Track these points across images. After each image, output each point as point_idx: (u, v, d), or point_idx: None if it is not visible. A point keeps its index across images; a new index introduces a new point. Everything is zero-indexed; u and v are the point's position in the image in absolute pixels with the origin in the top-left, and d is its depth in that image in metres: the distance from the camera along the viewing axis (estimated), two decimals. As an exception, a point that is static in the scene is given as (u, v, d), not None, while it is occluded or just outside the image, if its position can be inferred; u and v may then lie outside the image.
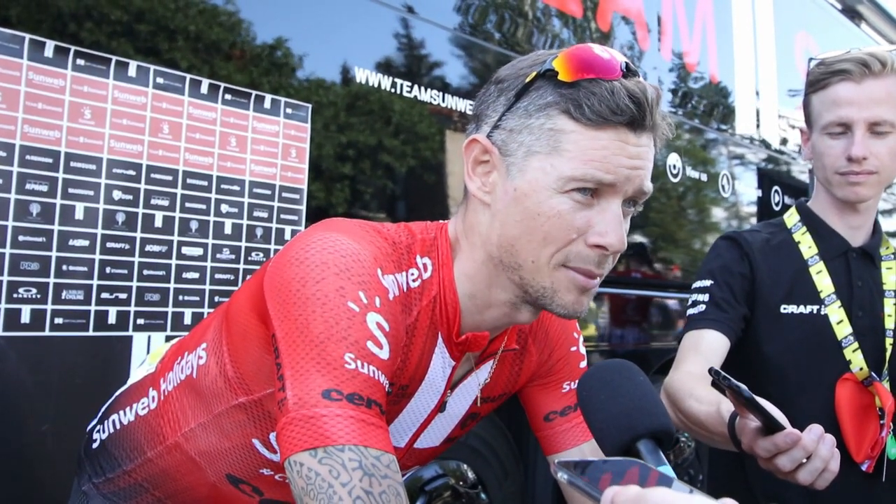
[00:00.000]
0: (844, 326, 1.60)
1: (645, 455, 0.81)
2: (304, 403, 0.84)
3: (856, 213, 1.67)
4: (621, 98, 0.93)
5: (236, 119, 2.07)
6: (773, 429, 1.07)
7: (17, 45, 1.70)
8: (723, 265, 1.66)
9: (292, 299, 0.90)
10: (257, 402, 1.07)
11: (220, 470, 1.15)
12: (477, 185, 1.03)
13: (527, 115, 0.98)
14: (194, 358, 1.16)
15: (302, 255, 0.93)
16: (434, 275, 1.05)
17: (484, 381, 1.17)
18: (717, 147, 4.19)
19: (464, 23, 2.77)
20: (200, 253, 2.00)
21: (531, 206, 0.97)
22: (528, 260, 0.99)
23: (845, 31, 5.30)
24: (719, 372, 1.01)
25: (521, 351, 1.21)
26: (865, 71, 1.57)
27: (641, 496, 0.60)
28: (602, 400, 0.87)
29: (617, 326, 3.47)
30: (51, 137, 1.75)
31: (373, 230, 1.03)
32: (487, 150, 1.01)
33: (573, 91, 0.94)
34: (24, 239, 1.71)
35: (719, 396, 1.36)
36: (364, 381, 0.87)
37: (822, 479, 1.09)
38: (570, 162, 0.94)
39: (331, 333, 0.87)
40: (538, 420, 1.27)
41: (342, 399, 0.84)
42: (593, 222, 0.96)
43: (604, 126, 0.94)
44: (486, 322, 1.08)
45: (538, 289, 1.00)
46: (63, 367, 1.76)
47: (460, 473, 2.72)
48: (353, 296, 0.91)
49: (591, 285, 1.00)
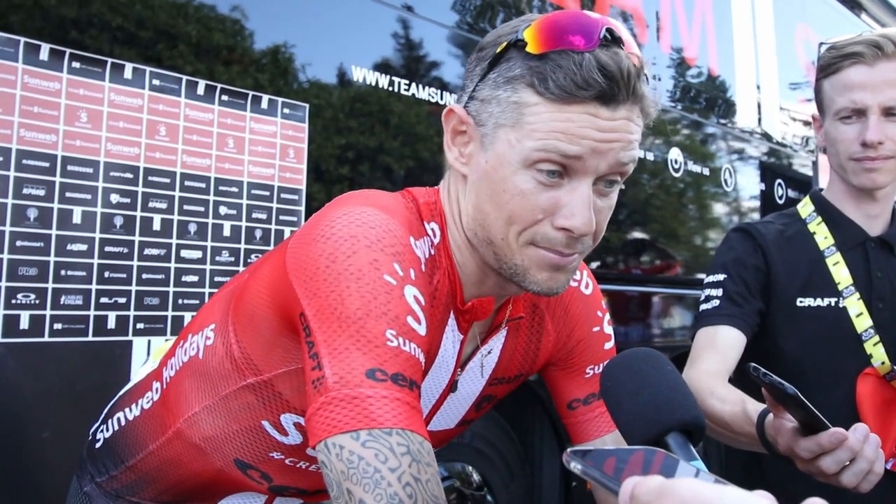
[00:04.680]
0: (864, 319, 1.55)
1: (675, 449, 0.77)
2: (346, 382, 0.79)
3: (873, 200, 1.63)
4: (590, 72, 0.87)
5: (233, 120, 2.03)
6: (815, 428, 1.03)
7: (12, 48, 1.67)
8: (736, 258, 1.62)
9: (322, 276, 0.85)
10: (267, 382, 1.03)
11: (228, 455, 1.11)
12: (454, 155, 1.01)
13: (496, 86, 0.94)
14: (200, 338, 1.12)
15: (328, 231, 0.88)
16: (441, 241, 1.03)
17: (492, 358, 1.13)
18: (718, 141, 4.16)
19: (461, 20, 2.74)
20: (199, 256, 1.97)
21: (498, 180, 0.94)
22: (498, 236, 0.96)
23: (846, 22, 5.27)
24: (759, 368, 0.98)
25: (539, 327, 1.16)
26: (878, 53, 1.53)
27: (666, 487, 0.53)
28: (628, 391, 0.83)
29: (620, 324, 3.44)
30: (47, 141, 1.72)
31: (391, 197, 1.00)
32: (463, 120, 0.99)
33: (540, 64, 0.90)
34: (21, 244, 1.68)
35: (743, 395, 1.32)
36: (406, 359, 0.82)
37: (868, 481, 1.05)
38: (533, 134, 0.90)
39: (369, 308, 0.82)
40: (562, 407, 1.23)
41: (387, 379, 0.79)
42: (561, 203, 0.92)
43: (569, 101, 0.89)
44: (484, 293, 1.05)
45: (511, 265, 0.97)
46: (63, 373, 1.74)
47: (465, 476, 2.70)
48: (389, 268, 0.86)
49: (565, 262, 0.96)
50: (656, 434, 0.79)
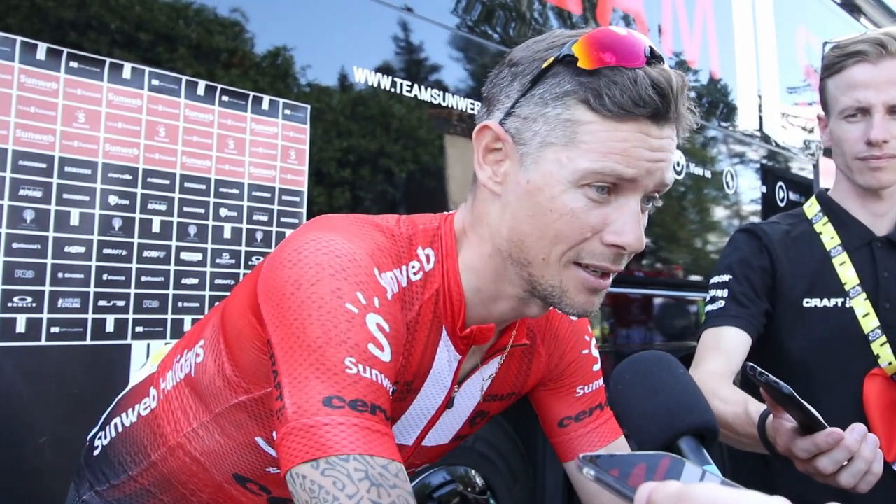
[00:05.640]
0: (871, 319, 1.54)
1: (687, 453, 0.76)
2: (303, 412, 0.80)
3: (879, 200, 1.62)
4: (645, 88, 0.87)
5: (234, 121, 2.02)
6: (813, 428, 1.02)
7: (9, 47, 1.66)
8: (741, 259, 1.61)
9: (287, 303, 0.86)
10: (258, 400, 1.03)
11: (227, 470, 1.12)
12: (487, 174, 0.98)
13: (543, 103, 0.92)
14: (192, 355, 1.12)
15: (295, 256, 0.89)
16: (437, 266, 1.01)
17: (489, 377, 1.12)
18: (720, 144, 4.16)
19: (461, 23, 2.73)
20: (199, 258, 1.95)
21: (544, 200, 0.92)
22: (539, 257, 0.94)
23: (845, 26, 5.28)
24: (755, 367, 0.96)
25: (531, 350, 1.17)
26: (882, 51, 1.52)
27: (684, 493, 0.52)
28: (639, 394, 0.82)
29: (621, 327, 3.43)
30: (44, 142, 1.70)
31: (369, 224, 0.99)
32: (500, 137, 0.96)
33: (593, 80, 0.89)
34: (18, 246, 1.66)
35: (745, 396, 1.31)
36: (367, 385, 0.82)
37: (865, 481, 1.04)
38: (588, 154, 0.89)
39: (329, 337, 0.83)
40: (552, 426, 1.23)
41: (344, 406, 0.80)
42: (610, 220, 0.91)
43: (625, 118, 0.88)
44: (493, 315, 1.04)
45: (546, 287, 0.95)
46: (60, 378, 1.72)
47: (469, 479, 2.69)
48: (351, 297, 0.86)
49: (603, 286, 0.96)
50: (669, 438, 0.77)
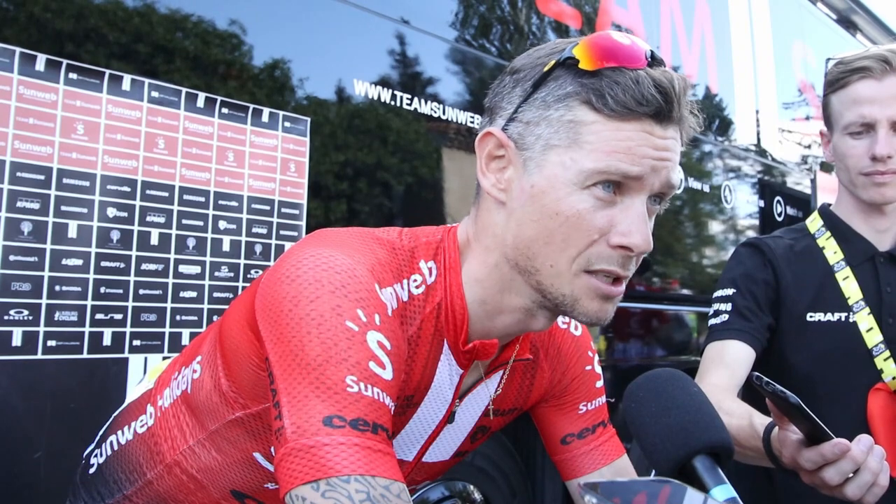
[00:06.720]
0: (875, 334, 1.54)
1: (702, 472, 0.75)
2: (303, 432, 0.78)
3: (882, 215, 1.62)
4: (647, 88, 0.87)
5: (233, 133, 2.01)
6: (819, 439, 1.02)
7: (8, 58, 1.65)
8: (745, 272, 1.60)
9: (285, 320, 0.85)
10: (255, 415, 1.02)
11: (224, 486, 1.10)
12: (491, 181, 0.97)
13: (545, 106, 0.92)
14: (189, 372, 1.10)
15: (293, 272, 0.87)
16: (439, 279, 1.00)
17: (495, 393, 1.11)
18: (717, 159, 4.17)
19: (461, 36, 2.73)
20: (198, 271, 1.94)
21: (549, 203, 0.91)
22: (547, 264, 0.93)
23: (842, 41, 5.32)
24: (762, 377, 0.96)
25: (534, 365, 1.15)
26: (886, 67, 1.53)
27: None
28: (653, 412, 0.81)
29: (621, 341, 3.42)
30: (42, 153, 1.69)
31: (370, 238, 0.97)
32: (503, 144, 0.95)
33: (595, 80, 0.89)
34: (15, 259, 1.65)
35: (750, 409, 1.31)
36: (368, 404, 0.81)
37: (871, 494, 1.03)
38: (592, 154, 0.89)
39: (329, 355, 0.81)
40: (555, 443, 1.22)
41: (345, 426, 0.78)
42: (616, 221, 0.90)
43: (628, 117, 0.88)
44: (497, 329, 1.02)
45: (557, 295, 0.94)
46: (56, 392, 1.70)
47: (467, 494, 2.68)
48: (352, 314, 0.85)
49: (616, 293, 0.94)
50: (684, 457, 0.76)
